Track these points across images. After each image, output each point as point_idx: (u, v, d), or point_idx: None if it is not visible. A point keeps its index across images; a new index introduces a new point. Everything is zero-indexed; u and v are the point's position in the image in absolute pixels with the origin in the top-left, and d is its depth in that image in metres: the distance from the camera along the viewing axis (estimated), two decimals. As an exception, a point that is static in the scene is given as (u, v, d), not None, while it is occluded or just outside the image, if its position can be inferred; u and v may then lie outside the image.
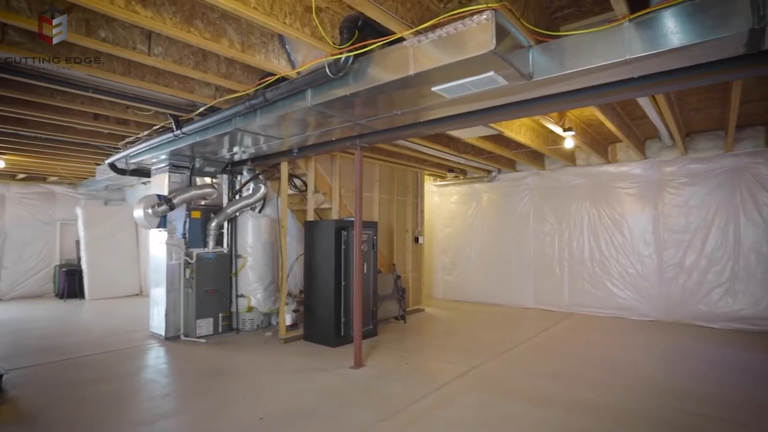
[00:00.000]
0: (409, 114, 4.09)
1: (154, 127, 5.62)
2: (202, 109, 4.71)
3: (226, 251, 6.54)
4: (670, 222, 7.18)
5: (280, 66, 3.63)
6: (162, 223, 5.98)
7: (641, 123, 6.27)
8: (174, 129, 5.01)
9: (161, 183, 6.25)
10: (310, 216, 6.32)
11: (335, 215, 6.52)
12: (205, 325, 6.13)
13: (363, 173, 5.01)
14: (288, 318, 5.97)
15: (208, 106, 4.60)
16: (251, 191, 6.51)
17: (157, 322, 6.11)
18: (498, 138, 6.56)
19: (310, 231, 6.00)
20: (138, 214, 5.81)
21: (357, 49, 3.06)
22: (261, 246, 6.54)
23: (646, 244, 7.37)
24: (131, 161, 6.55)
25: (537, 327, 6.91)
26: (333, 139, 5.06)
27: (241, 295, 6.44)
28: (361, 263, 5.14)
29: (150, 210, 5.78)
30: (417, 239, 8.31)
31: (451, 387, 4.15)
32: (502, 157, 8.17)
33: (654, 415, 3.53)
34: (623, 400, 3.84)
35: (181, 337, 6.01)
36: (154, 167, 6.56)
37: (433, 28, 2.85)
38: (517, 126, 5.81)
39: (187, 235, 6.23)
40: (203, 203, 6.52)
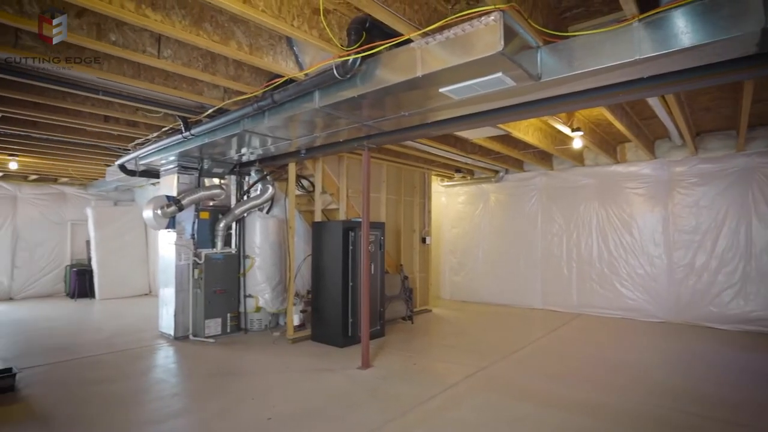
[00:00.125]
0: (417, 115, 4.08)
1: (163, 129, 5.68)
2: (210, 111, 4.75)
3: (234, 252, 6.58)
4: (680, 222, 7.11)
5: (288, 68, 3.65)
6: (171, 224, 6.03)
7: (651, 123, 6.21)
8: (183, 131, 5.06)
9: (170, 184, 6.31)
10: (317, 217, 6.34)
11: (343, 216, 6.53)
12: (214, 325, 6.18)
13: (370, 174, 5.02)
14: (296, 318, 5.99)
15: (216, 107, 4.64)
16: (259, 192, 6.55)
17: (166, 322, 6.17)
18: (506, 138, 6.53)
19: (317, 232, 6.02)
20: (147, 214, 5.87)
21: (364, 51, 3.07)
22: (269, 246, 6.58)
23: (655, 244, 7.30)
24: (141, 162, 6.61)
25: (545, 328, 6.88)
26: (341, 140, 5.07)
27: (250, 296, 6.48)
28: (369, 264, 5.14)
29: (159, 211, 5.83)
30: (424, 240, 8.30)
31: (459, 388, 4.15)
32: (509, 158, 8.14)
33: (663, 418, 3.50)
34: (633, 402, 3.81)
35: (190, 337, 6.06)
36: (163, 168, 6.62)
37: (441, 29, 2.85)
38: (525, 126, 5.79)
39: (196, 236, 6.28)
40: (212, 204, 6.57)
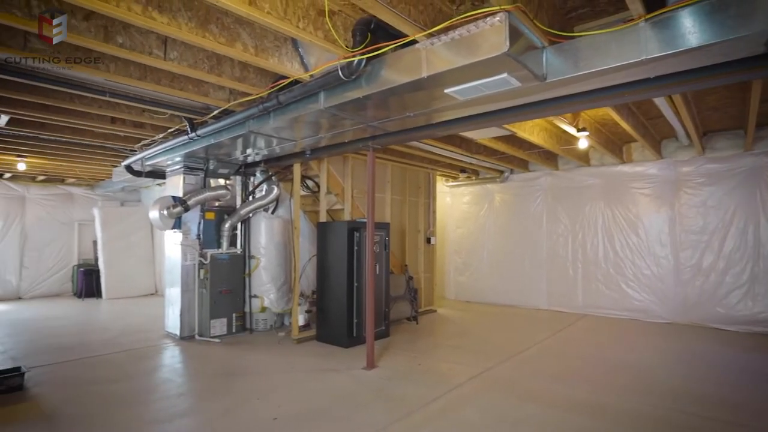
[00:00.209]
0: (422, 116, 4.08)
1: (169, 130, 5.71)
2: (216, 112, 4.78)
3: (239, 252, 6.61)
4: (686, 223, 7.06)
5: (293, 69, 3.66)
6: (177, 225, 6.07)
7: (657, 122, 6.17)
8: (189, 132, 5.08)
9: (176, 185, 6.35)
10: (322, 217, 6.35)
11: (347, 216, 6.54)
12: (219, 325, 6.21)
13: (375, 174, 5.02)
14: (301, 318, 6.01)
15: (222, 109, 4.66)
16: (264, 192, 6.57)
17: (172, 321, 6.20)
18: (511, 138, 6.52)
19: (322, 232, 6.03)
20: (153, 215, 5.90)
21: (370, 52, 3.08)
22: (274, 247, 6.60)
23: (662, 245, 7.25)
24: (147, 163, 6.65)
25: (550, 328, 6.85)
26: (345, 141, 5.08)
27: (255, 296, 6.50)
28: (374, 264, 5.15)
29: (165, 211, 5.87)
30: (429, 240, 8.30)
31: (464, 389, 4.14)
32: (514, 158, 8.12)
33: (669, 420, 3.48)
34: (638, 404, 3.79)
35: (196, 337, 6.09)
36: (169, 169, 6.66)
37: (446, 30, 2.85)
38: (530, 126, 5.77)
39: (202, 236, 6.31)
40: (217, 204, 6.60)
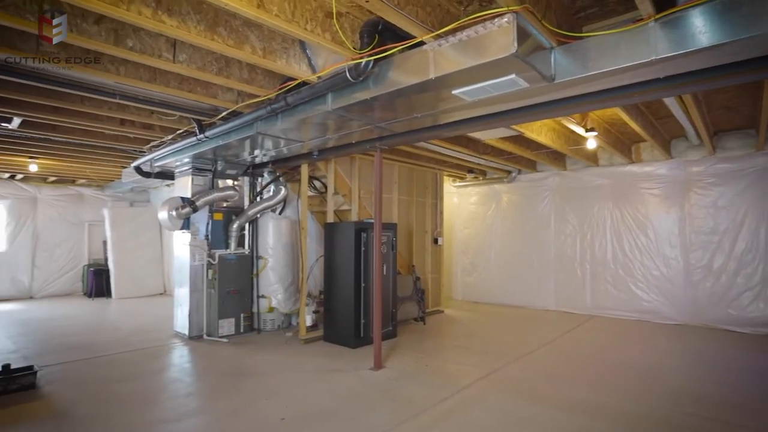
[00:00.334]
0: (429, 117, 4.08)
1: (178, 132, 5.76)
2: (224, 114, 4.81)
3: (247, 252, 6.64)
4: (697, 223, 6.99)
5: (301, 71, 3.67)
6: (185, 225, 6.12)
7: (667, 122, 6.11)
8: (197, 133, 5.12)
9: (185, 185, 6.40)
10: (330, 217, 6.37)
11: (355, 217, 6.55)
12: (227, 325, 6.24)
13: (382, 175, 5.03)
14: (308, 319, 6.02)
15: (230, 110, 4.70)
16: (272, 193, 6.60)
17: (181, 321, 6.25)
18: (518, 139, 6.49)
19: (330, 232, 6.05)
20: (162, 216, 5.96)
21: (377, 54, 3.08)
22: (281, 247, 6.63)
23: (671, 245, 7.18)
24: (156, 164, 6.70)
25: (558, 329, 6.82)
26: (353, 142, 5.09)
27: (262, 296, 6.54)
28: (381, 265, 5.15)
29: (174, 212, 5.92)
30: (436, 240, 8.29)
31: (472, 390, 4.13)
32: (522, 158, 8.08)
33: (679, 424, 3.45)
34: (647, 407, 3.76)
35: (204, 337, 6.13)
36: (177, 170, 6.71)
37: (454, 31, 2.84)
38: (538, 127, 5.74)
39: (210, 237, 6.35)
40: (225, 205, 6.64)
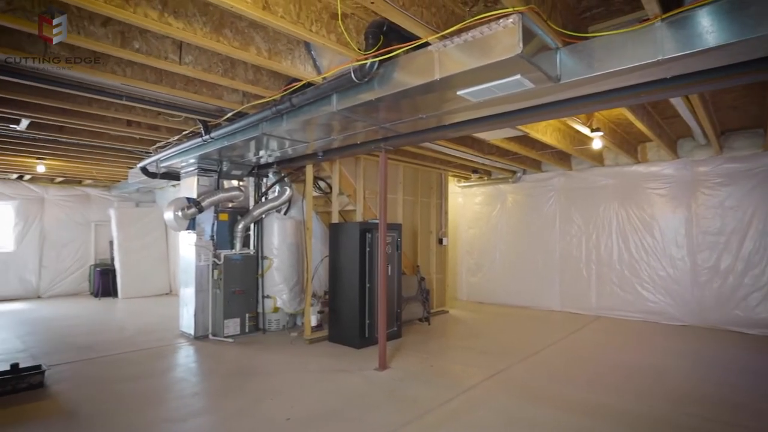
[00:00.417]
0: (434, 117, 4.08)
1: (183, 132, 5.79)
2: (229, 115, 4.82)
3: (252, 253, 6.66)
4: (704, 223, 6.94)
5: (306, 72, 3.68)
6: (191, 226, 6.14)
7: (673, 122, 6.07)
8: (203, 134, 5.14)
9: (190, 186, 6.43)
10: (334, 218, 6.38)
11: (359, 217, 6.56)
12: (233, 325, 6.27)
13: (387, 175, 5.03)
14: (313, 319, 6.04)
15: (235, 111, 4.71)
16: (277, 194, 6.62)
17: (187, 321, 6.29)
18: (523, 139, 6.47)
19: (334, 233, 6.06)
20: (168, 216, 5.99)
21: (382, 55, 3.08)
22: (286, 248, 6.65)
23: (678, 246, 7.14)
24: (162, 165, 6.74)
25: (563, 330, 6.79)
26: (358, 143, 5.09)
27: (267, 296, 6.56)
28: (386, 265, 5.15)
29: (180, 213, 5.94)
30: (441, 241, 8.28)
31: (477, 391, 4.13)
32: (527, 158, 8.06)
33: (685, 425, 3.43)
34: (653, 409, 3.73)
35: (210, 337, 6.16)
36: (183, 171, 6.75)
37: (459, 32, 2.84)
38: (543, 127, 5.72)
39: (215, 237, 6.38)
40: (230, 206, 6.67)
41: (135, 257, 10.22)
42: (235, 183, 6.76)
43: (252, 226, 6.72)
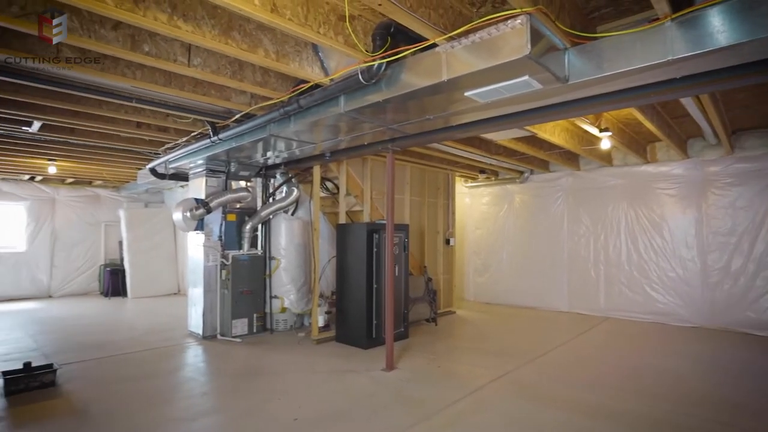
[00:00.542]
0: (441, 118, 4.08)
1: (192, 134, 5.83)
2: (238, 116, 4.86)
3: (260, 253, 6.70)
4: (714, 224, 6.86)
5: (313, 73, 3.70)
6: (199, 226, 6.19)
7: (683, 122, 6.01)
8: (211, 135, 5.18)
9: (199, 187, 6.48)
10: (342, 218, 6.39)
11: (367, 217, 6.57)
12: (241, 325, 6.31)
13: (394, 176, 5.03)
14: (320, 319, 6.06)
15: (243, 113, 4.74)
16: (284, 194, 6.65)
17: (195, 321, 6.33)
18: (531, 139, 6.44)
19: (342, 233, 6.07)
20: (177, 217, 6.04)
21: (389, 56, 3.09)
22: (294, 248, 6.67)
23: (688, 247, 7.06)
24: (170, 166, 6.80)
25: (572, 331, 6.75)
26: (365, 143, 5.11)
27: (275, 296, 6.59)
28: (393, 265, 5.16)
29: (188, 213, 5.99)
30: (448, 241, 8.26)
31: (484, 392, 4.12)
32: (535, 158, 8.02)
33: (694, 428, 3.39)
34: (661, 411, 3.70)
35: (218, 337, 6.20)
36: (191, 172, 6.80)
37: (467, 33, 2.84)
38: (551, 127, 5.69)
39: (223, 238, 6.42)
40: (238, 206, 6.70)
41: (144, 257, 10.32)
42: (243, 184, 6.80)
43: (260, 226, 6.75)
